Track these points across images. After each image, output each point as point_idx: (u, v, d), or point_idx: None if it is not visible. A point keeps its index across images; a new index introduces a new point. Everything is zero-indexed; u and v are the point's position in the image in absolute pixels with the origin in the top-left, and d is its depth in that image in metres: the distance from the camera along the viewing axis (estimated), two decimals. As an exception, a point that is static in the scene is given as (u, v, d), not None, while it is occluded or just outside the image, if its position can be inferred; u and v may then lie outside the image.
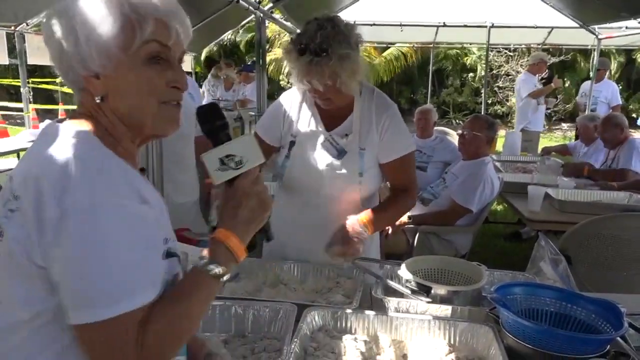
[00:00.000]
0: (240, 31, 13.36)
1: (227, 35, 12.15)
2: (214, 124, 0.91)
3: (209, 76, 7.99)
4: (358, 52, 1.57)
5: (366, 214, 1.67)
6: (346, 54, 1.51)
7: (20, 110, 6.61)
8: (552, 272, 1.66)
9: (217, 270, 0.84)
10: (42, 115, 9.19)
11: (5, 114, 9.70)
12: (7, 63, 5.55)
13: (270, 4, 4.77)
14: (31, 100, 6.15)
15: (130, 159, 0.88)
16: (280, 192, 1.84)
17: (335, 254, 1.62)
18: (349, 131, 1.69)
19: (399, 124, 1.73)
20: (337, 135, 1.70)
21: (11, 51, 5.61)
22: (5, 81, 10.85)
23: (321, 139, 1.71)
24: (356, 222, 1.63)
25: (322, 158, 1.70)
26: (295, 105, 1.77)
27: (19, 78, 5.77)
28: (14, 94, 11.03)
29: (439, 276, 1.68)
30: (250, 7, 4.33)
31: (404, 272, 1.57)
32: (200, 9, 5.16)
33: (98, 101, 0.84)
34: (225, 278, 0.86)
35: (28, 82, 6.28)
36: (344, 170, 1.69)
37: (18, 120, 9.44)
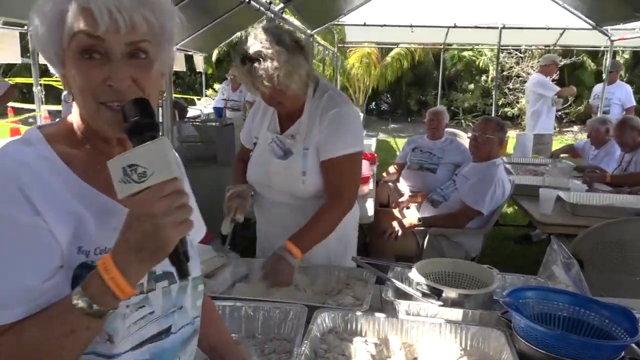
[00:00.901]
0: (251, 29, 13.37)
1: (238, 35, 12.19)
2: (136, 122, 0.74)
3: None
4: (295, 55, 1.60)
5: (292, 239, 1.66)
6: (278, 54, 1.56)
7: (33, 109, 6.67)
8: (565, 277, 1.64)
9: (91, 305, 0.69)
10: (54, 114, 9.28)
11: (17, 113, 9.80)
12: (19, 62, 5.59)
13: (281, 5, 4.77)
14: (43, 100, 6.20)
15: (102, 158, 0.80)
16: (256, 193, 1.92)
17: (267, 286, 1.61)
18: (296, 132, 1.76)
19: (341, 124, 1.71)
20: (285, 137, 1.78)
21: (25, 50, 5.67)
22: (18, 80, 10.96)
23: (269, 140, 1.81)
24: (282, 248, 1.64)
25: (268, 158, 1.79)
26: (261, 109, 1.89)
27: (31, 77, 5.82)
28: (26, 93, 11.14)
29: (450, 279, 1.67)
30: (261, 8, 4.33)
31: (414, 274, 1.56)
32: (210, 10, 5.18)
33: (70, 99, 0.81)
34: (110, 313, 0.70)
35: (40, 82, 6.34)
36: (287, 170, 1.75)
37: (30, 120, 9.54)
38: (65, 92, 0.82)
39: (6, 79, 4.79)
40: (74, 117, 0.83)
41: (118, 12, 0.72)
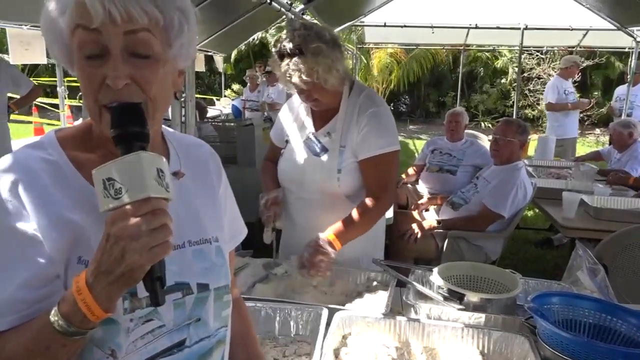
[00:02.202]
0: (272, 30, 13.43)
1: (258, 35, 12.27)
2: (125, 130, 0.68)
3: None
4: (334, 49, 1.62)
5: (333, 229, 1.66)
6: (318, 48, 1.57)
7: (57, 107, 6.80)
8: (590, 282, 1.62)
9: (60, 322, 0.65)
10: (76, 113, 9.44)
11: (41, 112, 10.01)
12: (45, 62, 5.70)
13: (302, 6, 4.78)
14: (66, 97, 6.32)
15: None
16: (283, 191, 1.92)
17: (303, 275, 1.61)
18: (332, 130, 1.76)
19: (380, 123, 1.73)
20: (321, 134, 1.79)
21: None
22: (41, 79, 11.18)
23: (305, 137, 1.81)
24: (323, 239, 1.63)
25: (303, 155, 1.79)
26: (294, 107, 1.89)
27: (53, 77, 5.93)
28: (50, 93, 11.35)
29: (471, 283, 1.65)
30: (282, 9, 4.34)
31: (435, 277, 1.55)
32: (230, 10, 5.21)
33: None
34: (83, 334, 0.66)
35: (64, 81, 6.47)
36: (323, 167, 1.75)
37: (54, 120, 9.72)
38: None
39: (30, 79, 4.87)
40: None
41: (111, 3, 0.67)
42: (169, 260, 0.76)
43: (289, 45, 1.59)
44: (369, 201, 1.72)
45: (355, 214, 1.70)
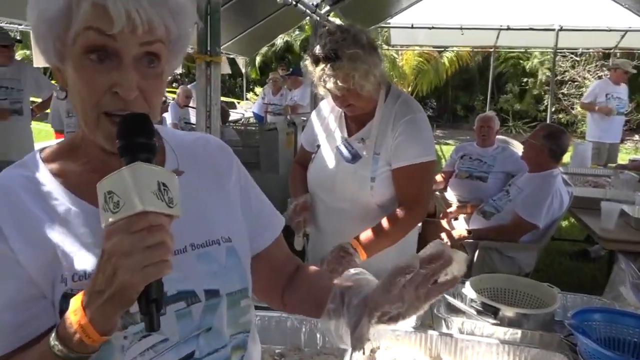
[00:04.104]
0: (296, 32, 13.48)
1: (282, 39, 12.33)
2: (131, 141, 0.65)
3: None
4: (372, 54, 1.57)
5: (362, 236, 1.62)
6: (355, 54, 1.53)
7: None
8: (634, 298, 1.54)
9: (59, 346, 0.62)
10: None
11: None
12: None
13: (327, 7, 4.75)
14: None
15: (104, 169, 0.67)
16: (312, 198, 1.87)
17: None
18: (366, 136, 1.71)
19: (416, 132, 1.67)
20: (354, 140, 1.73)
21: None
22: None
23: (338, 142, 1.76)
24: (349, 245, 1.59)
25: (336, 161, 1.75)
26: (326, 112, 1.85)
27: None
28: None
29: (506, 296, 1.60)
30: (307, 10, 4.32)
31: (468, 290, 1.49)
32: (252, 12, 5.21)
33: (63, 96, 0.75)
34: (84, 359, 0.63)
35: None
36: (356, 174, 1.70)
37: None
38: (58, 89, 0.76)
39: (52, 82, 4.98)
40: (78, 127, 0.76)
41: (136, 13, 0.64)
42: None
43: (324, 50, 1.55)
44: (400, 212, 1.66)
45: (385, 223, 1.64)
